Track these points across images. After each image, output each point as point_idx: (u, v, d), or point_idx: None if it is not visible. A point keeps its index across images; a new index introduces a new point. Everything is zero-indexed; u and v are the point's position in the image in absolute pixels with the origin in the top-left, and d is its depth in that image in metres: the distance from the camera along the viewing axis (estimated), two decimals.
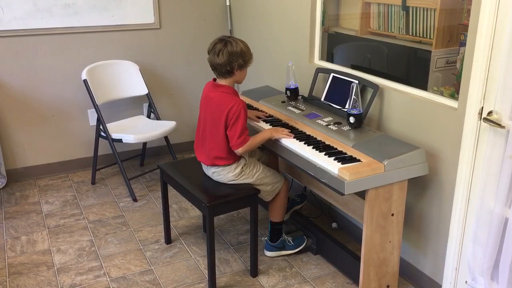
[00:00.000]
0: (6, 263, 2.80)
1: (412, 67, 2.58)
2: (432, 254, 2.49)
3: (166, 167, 2.82)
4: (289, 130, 2.58)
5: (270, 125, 2.73)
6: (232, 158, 2.55)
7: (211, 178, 2.64)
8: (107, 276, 2.70)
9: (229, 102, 2.44)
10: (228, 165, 2.56)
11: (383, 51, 2.72)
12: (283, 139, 2.52)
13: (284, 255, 2.85)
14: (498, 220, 2.03)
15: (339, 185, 2.13)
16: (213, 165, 2.58)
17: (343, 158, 2.25)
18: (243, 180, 2.59)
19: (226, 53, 2.40)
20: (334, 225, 3.14)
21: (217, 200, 2.49)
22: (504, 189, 1.97)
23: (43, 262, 2.81)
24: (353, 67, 2.92)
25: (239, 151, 2.48)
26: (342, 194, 2.12)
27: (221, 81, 2.52)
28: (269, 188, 2.66)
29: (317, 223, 3.03)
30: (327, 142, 2.44)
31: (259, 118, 2.82)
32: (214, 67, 2.47)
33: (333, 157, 2.26)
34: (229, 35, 2.48)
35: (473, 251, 2.20)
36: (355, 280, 2.54)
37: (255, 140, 2.53)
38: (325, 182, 2.21)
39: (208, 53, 2.48)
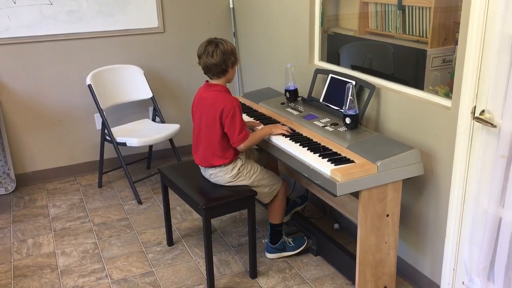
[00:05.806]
0: (12, 266, 2.86)
1: (409, 67, 2.56)
2: (431, 255, 2.46)
3: (165, 170, 2.85)
4: (288, 127, 2.61)
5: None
6: (228, 156, 2.56)
7: (209, 181, 2.67)
8: (109, 278, 2.74)
9: (223, 100, 2.48)
10: (225, 165, 2.57)
11: (382, 51, 2.71)
12: (278, 140, 2.54)
13: (285, 257, 2.86)
14: (492, 219, 2.01)
15: (331, 187, 2.12)
16: (210, 166, 2.59)
17: (336, 159, 2.25)
18: (240, 182, 2.60)
19: (220, 52, 2.46)
20: (336, 226, 3.13)
21: (213, 202, 2.50)
22: (497, 188, 1.95)
23: (47, 265, 2.86)
24: (353, 67, 2.91)
25: (241, 147, 2.52)
26: (335, 196, 2.12)
27: (214, 81, 2.57)
28: (267, 190, 2.66)
29: (319, 224, 3.03)
30: (322, 143, 2.44)
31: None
32: (209, 68, 2.52)
33: (327, 159, 2.26)
34: (215, 37, 2.55)
35: (470, 252, 2.18)
36: (355, 281, 2.53)
37: (255, 136, 2.57)
38: (318, 184, 2.21)
39: (200, 57, 2.53)
